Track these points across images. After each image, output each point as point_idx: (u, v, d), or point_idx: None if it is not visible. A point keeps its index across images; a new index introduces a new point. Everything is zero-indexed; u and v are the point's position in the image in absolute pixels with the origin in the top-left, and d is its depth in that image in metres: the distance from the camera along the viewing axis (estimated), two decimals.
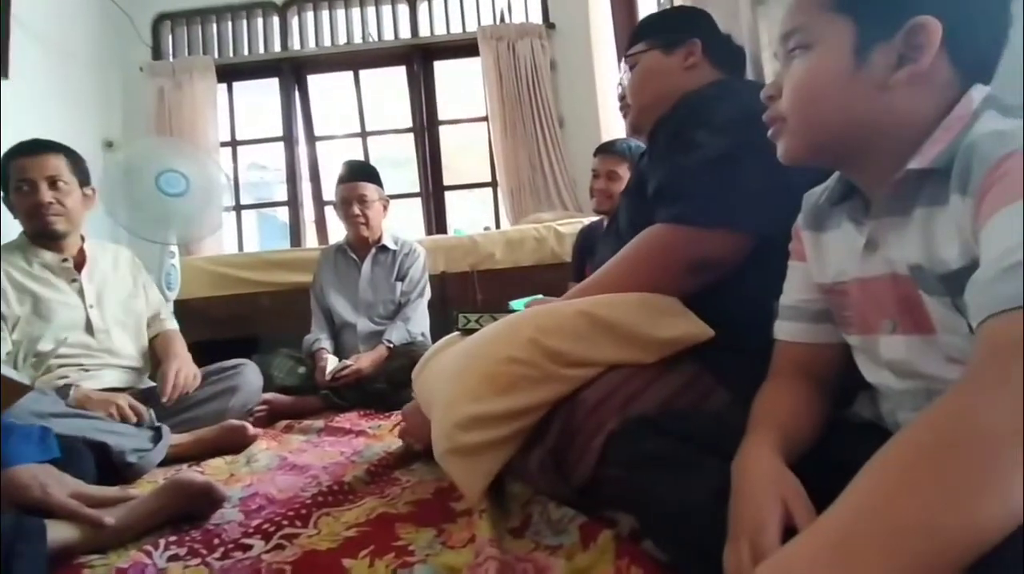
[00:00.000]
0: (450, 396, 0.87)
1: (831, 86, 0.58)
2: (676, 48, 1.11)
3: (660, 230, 0.94)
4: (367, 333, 2.17)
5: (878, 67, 0.55)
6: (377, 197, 2.22)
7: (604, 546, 0.75)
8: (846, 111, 0.57)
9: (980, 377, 0.40)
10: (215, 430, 1.52)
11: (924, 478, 0.36)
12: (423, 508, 1.00)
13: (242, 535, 0.94)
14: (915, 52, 0.54)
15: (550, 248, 2.67)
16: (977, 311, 0.43)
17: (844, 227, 0.66)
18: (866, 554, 0.35)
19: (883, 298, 0.60)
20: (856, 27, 0.56)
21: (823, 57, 0.58)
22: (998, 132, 0.49)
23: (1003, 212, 0.44)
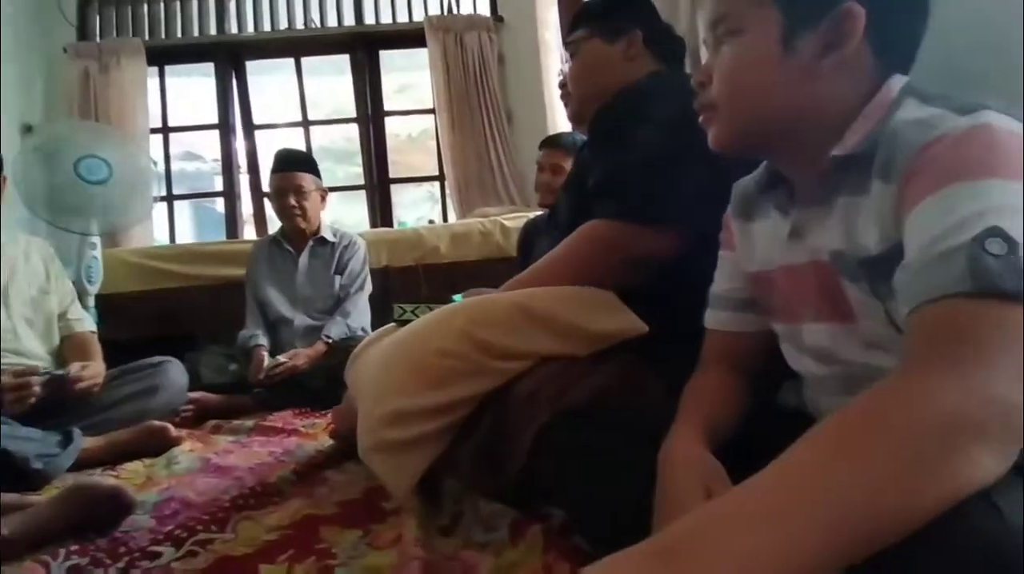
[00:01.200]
0: (377, 389, 0.84)
1: (759, 72, 0.57)
2: (618, 38, 1.09)
3: (598, 226, 0.93)
4: (304, 328, 2.09)
5: (804, 54, 0.55)
6: (314, 187, 2.14)
7: (533, 541, 0.74)
8: (773, 97, 0.57)
9: (923, 363, 0.39)
10: (133, 432, 1.43)
11: (867, 453, 0.36)
12: (351, 509, 0.96)
13: (151, 542, 0.88)
14: (840, 39, 0.54)
15: (496, 242, 2.65)
16: (910, 298, 0.43)
17: (771, 216, 0.66)
18: (794, 518, 0.34)
19: (806, 286, 0.61)
20: (783, 14, 0.56)
21: (751, 44, 0.58)
22: (920, 120, 0.49)
23: (932, 198, 0.44)
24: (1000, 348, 0.37)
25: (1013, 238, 0.39)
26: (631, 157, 0.91)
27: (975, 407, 0.36)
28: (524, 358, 0.83)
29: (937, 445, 0.35)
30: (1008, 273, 0.38)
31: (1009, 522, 0.32)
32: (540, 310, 0.85)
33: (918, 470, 0.34)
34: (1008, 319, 0.38)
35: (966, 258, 0.40)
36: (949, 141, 0.45)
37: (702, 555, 0.34)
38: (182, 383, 1.72)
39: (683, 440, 0.60)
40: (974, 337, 0.38)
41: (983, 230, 0.40)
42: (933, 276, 0.41)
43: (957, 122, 0.46)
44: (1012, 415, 0.36)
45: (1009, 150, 0.44)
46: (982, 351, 0.37)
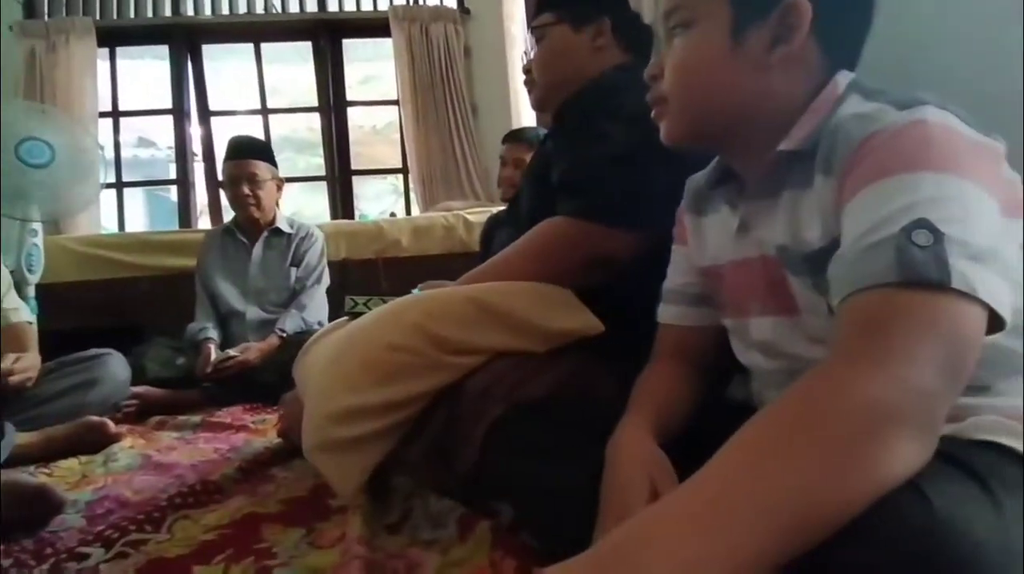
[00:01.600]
0: (324, 385, 0.81)
1: (709, 64, 0.57)
2: (585, 25, 1.06)
3: (560, 223, 0.91)
4: (257, 322, 2.03)
5: (754, 47, 0.55)
6: (269, 176, 2.08)
7: (480, 538, 0.72)
8: (723, 90, 0.57)
9: (847, 353, 0.39)
10: (69, 427, 1.36)
11: (795, 448, 0.36)
12: (296, 506, 0.93)
13: (79, 543, 0.83)
14: (788, 33, 0.54)
15: (459, 237, 2.62)
16: (840, 288, 0.43)
17: (722, 210, 0.66)
18: (733, 520, 0.34)
19: (753, 280, 0.61)
20: (732, 6, 0.56)
21: (701, 37, 0.58)
22: (860, 115, 0.49)
23: (866, 190, 0.45)
24: (922, 337, 0.37)
25: (939, 230, 0.39)
26: (598, 154, 0.89)
27: (895, 396, 0.36)
28: (479, 353, 0.82)
29: (858, 435, 0.35)
30: (933, 264, 0.38)
31: (938, 512, 0.32)
32: (496, 305, 0.83)
33: (843, 461, 0.34)
34: (931, 309, 0.38)
35: (893, 249, 0.40)
36: (886, 135, 0.46)
37: (646, 562, 0.34)
38: (123, 377, 1.64)
39: (631, 433, 0.60)
40: (897, 327, 0.38)
41: (911, 222, 0.40)
42: (861, 267, 0.41)
43: (895, 117, 0.47)
44: (932, 404, 0.36)
45: (943, 144, 0.44)
46: (904, 340, 0.38)
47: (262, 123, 3.54)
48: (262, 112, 3.54)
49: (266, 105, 3.54)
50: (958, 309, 0.38)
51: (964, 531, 0.32)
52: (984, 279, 0.39)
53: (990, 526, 0.33)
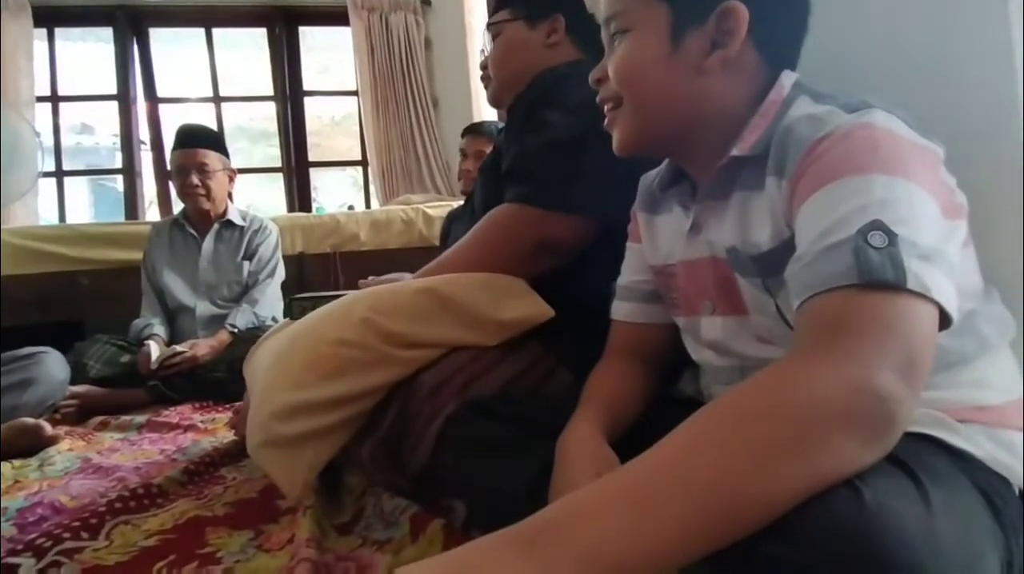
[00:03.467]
0: (269, 383, 0.79)
1: (649, 69, 0.58)
2: (540, 22, 1.07)
3: (506, 210, 0.91)
4: (208, 317, 1.96)
5: (692, 51, 0.55)
6: (220, 166, 2.01)
7: (433, 537, 0.71)
8: (663, 94, 0.58)
9: (804, 352, 0.40)
10: (2, 430, 1.28)
11: (733, 440, 0.36)
12: (243, 509, 0.90)
13: (8, 554, 0.78)
14: (725, 37, 0.55)
15: (418, 231, 2.59)
16: (799, 290, 0.43)
17: (674, 211, 0.67)
18: (660, 507, 0.34)
19: (704, 280, 0.61)
20: (671, 11, 0.56)
21: (641, 41, 0.58)
22: (813, 116, 0.50)
23: (820, 193, 0.45)
24: (881, 339, 0.38)
25: (893, 231, 0.40)
26: (541, 142, 0.90)
27: (844, 395, 0.36)
28: (429, 347, 0.81)
29: (801, 432, 0.35)
30: (889, 265, 0.39)
31: (868, 503, 0.33)
32: (445, 296, 0.82)
33: (779, 456, 0.34)
34: (889, 310, 0.39)
35: (851, 251, 0.40)
36: (836, 138, 0.47)
37: (555, 542, 0.34)
38: (61, 376, 1.56)
39: (580, 430, 0.60)
40: (855, 327, 0.39)
41: (866, 223, 0.41)
42: (820, 269, 0.42)
43: (844, 119, 0.47)
44: (886, 405, 0.36)
45: (891, 147, 0.45)
46: (861, 340, 0.38)
47: (214, 111, 3.42)
48: (214, 100, 3.42)
49: (218, 93, 3.42)
50: (914, 309, 0.39)
51: (893, 522, 0.32)
52: (935, 279, 0.39)
53: (918, 517, 0.33)
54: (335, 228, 2.55)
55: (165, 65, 3.41)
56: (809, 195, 0.46)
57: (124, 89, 3.28)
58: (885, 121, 0.47)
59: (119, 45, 3.27)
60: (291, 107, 3.45)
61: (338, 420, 0.78)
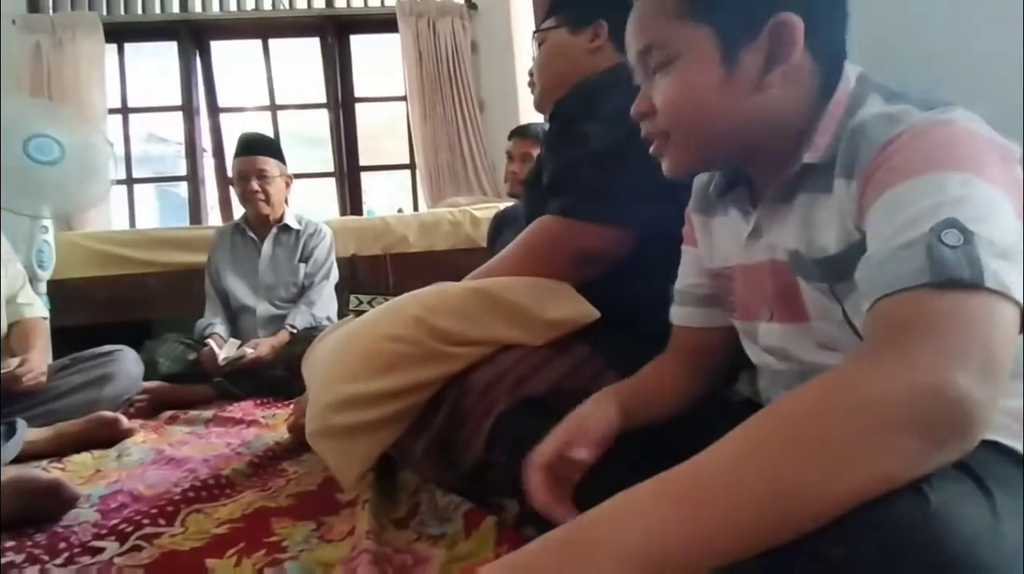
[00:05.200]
0: (326, 375, 0.82)
1: (706, 97, 0.54)
2: (583, 28, 1.08)
3: (547, 222, 0.93)
4: (267, 317, 2.05)
5: (749, 69, 0.53)
6: (278, 172, 2.09)
7: (486, 534, 0.73)
8: (726, 119, 0.55)
9: (870, 354, 0.39)
10: (81, 423, 1.38)
11: (786, 438, 0.35)
12: (305, 501, 0.94)
13: (93, 537, 0.84)
14: (782, 50, 0.52)
15: (465, 233, 2.63)
16: (870, 291, 0.42)
17: (731, 214, 0.65)
18: (714, 505, 0.34)
19: (763, 286, 0.60)
20: (718, 34, 0.53)
21: (691, 69, 0.55)
22: (883, 115, 0.48)
23: (891, 191, 0.44)
24: (956, 340, 0.36)
25: (969, 229, 0.39)
26: (579, 153, 0.91)
27: (909, 396, 0.35)
28: (478, 344, 0.83)
29: (857, 431, 0.34)
30: (965, 263, 0.38)
31: (934, 510, 0.32)
32: (493, 297, 0.84)
33: (835, 456, 0.34)
34: (966, 310, 0.37)
35: (924, 250, 0.39)
36: (909, 136, 0.45)
37: (609, 538, 0.34)
38: (136, 373, 1.67)
39: (595, 398, 0.64)
40: (926, 327, 0.37)
41: (940, 221, 0.39)
42: (891, 269, 0.40)
43: (919, 117, 0.46)
44: (961, 407, 0.35)
45: (967, 145, 0.44)
46: (932, 340, 0.36)
47: (271, 119, 3.56)
48: (271, 108, 3.55)
49: (275, 101, 3.56)
50: (992, 308, 0.37)
51: (957, 527, 0.32)
52: (1013, 277, 0.38)
53: (984, 525, 0.33)
54: (385, 230, 2.61)
55: (225, 76, 3.56)
56: (881, 194, 0.44)
57: (188, 100, 3.45)
58: (965, 119, 0.45)
59: (183, 58, 3.44)
60: (343, 114, 3.55)
61: (390, 413, 0.80)
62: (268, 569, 0.73)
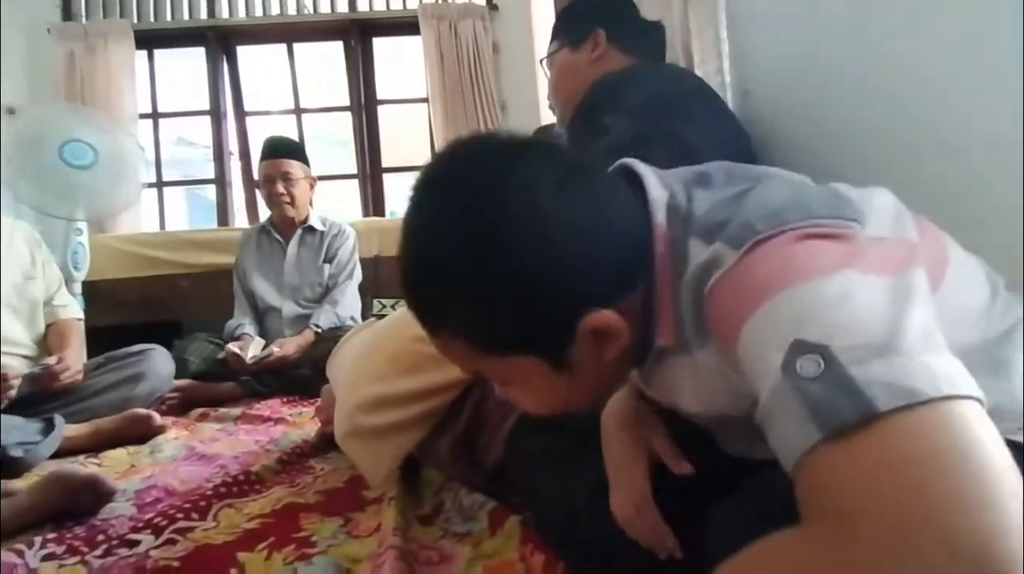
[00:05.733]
0: (354, 377, 0.84)
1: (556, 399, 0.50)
2: (581, 43, 1.12)
3: None
4: (293, 317, 2.08)
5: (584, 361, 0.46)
6: (303, 175, 2.13)
7: (510, 532, 0.74)
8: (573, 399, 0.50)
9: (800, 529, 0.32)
10: (116, 420, 1.42)
11: None
12: (333, 497, 0.96)
13: (130, 530, 0.87)
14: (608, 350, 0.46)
15: None
16: (784, 462, 0.34)
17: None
18: None
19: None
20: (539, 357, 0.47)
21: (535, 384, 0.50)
22: (701, 265, 0.41)
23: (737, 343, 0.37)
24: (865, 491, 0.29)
25: (824, 345, 0.32)
26: (600, 146, 0.92)
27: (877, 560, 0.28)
28: None
29: None
30: (839, 394, 0.31)
31: None
32: None
33: None
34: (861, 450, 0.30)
35: (788, 396, 0.32)
36: (724, 282, 0.39)
37: None
38: (168, 371, 1.71)
39: (618, 398, 0.62)
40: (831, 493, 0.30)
41: (787, 354, 0.33)
42: (779, 438, 0.34)
43: (730, 258, 0.39)
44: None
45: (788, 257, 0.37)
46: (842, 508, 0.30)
47: (296, 123, 3.61)
48: (296, 112, 3.61)
49: (299, 105, 3.61)
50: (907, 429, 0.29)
51: None
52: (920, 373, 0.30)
53: None
54: None
55: (251, 81, 3.63)
56: (734, 350, 0.38)
57: (215, 104, 3.52)
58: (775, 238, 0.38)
59: (211, 63, 3.51)
60: (365, 116, 3.59)
61: (417, 413, 0.82)
62: (298, 563, 0.74)
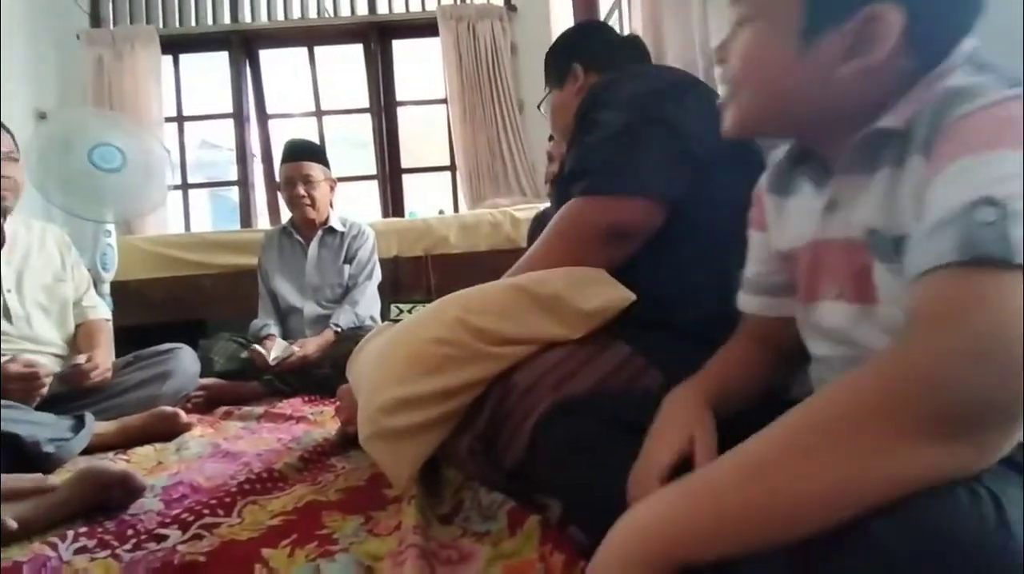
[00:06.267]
0: (375, 379, 0.85)
1: (775, 65, 0.52)
2: (564, 80, 1.18)
3: (572, 204, 0.94)
4: (314, 317, 2.11)
5: (824, 54, 0.50)
6: (323, 177, 2.15)
7: (529, 532, 0.74)
8: (788, 93, 0.53)
9: (901, 344, 0.38)
10: (144, 417, 1.45)
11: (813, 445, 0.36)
12: (353, 495, 0.98)
13: (158, 525, 0.89)
14: (867, 45, 0.48)
15: (505, 233, 2.65)
16: (910, 268, 0.41)
17: (803, 190, 0.62)
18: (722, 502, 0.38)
19: (834, 262, 0.57)
20: (804, 5, 0.50)
21: (769, 32, 0.53)
22: (961, 89, 0.45)
23: (947, 168, 0.42)
24: (975, 325, 0.35)
25: (1008, 206, 0.37)
26: (596, 138, 0.93)
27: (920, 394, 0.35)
28: (520, 343, 0.84)
29: (880, 434, 0.35)
30: (996, 239, 0.36)
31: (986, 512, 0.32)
32: (532, 292, 0.85)
33: (859, 458, 0.35)
34: (993, 288, 0.35)
35: (958, 227, 0.38)
36: (980, 111, 0.42)
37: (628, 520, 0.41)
38: (194, 370, 1.74)
39: (685, 392, 0.63)
40: (950, 312, 0.36)
41: (979, 198, 0.38)
42: (928, 248, 0.39)
43: (998, 94, 0.43)
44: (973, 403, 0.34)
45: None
46: (952, 328, 0.35)
47: (316, 125, 3.65)
48: (316, 114, 3.65)
49: (320, 107, 3.65)
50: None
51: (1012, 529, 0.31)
52: None
53: None
54: (426, 232, 2.66)
55: (273, 84, 3.68)
56: (939, 171, 0.42)
57: (238, 107, 3.58)
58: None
59: (234, 67, 3.57)
60: (385, 117, 3.63)
61: (439, 414, 0.82)
62: (321, 560, 0.76)
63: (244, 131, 3.59)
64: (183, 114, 3.61)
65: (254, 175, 3.64)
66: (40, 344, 1.53)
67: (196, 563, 0.77)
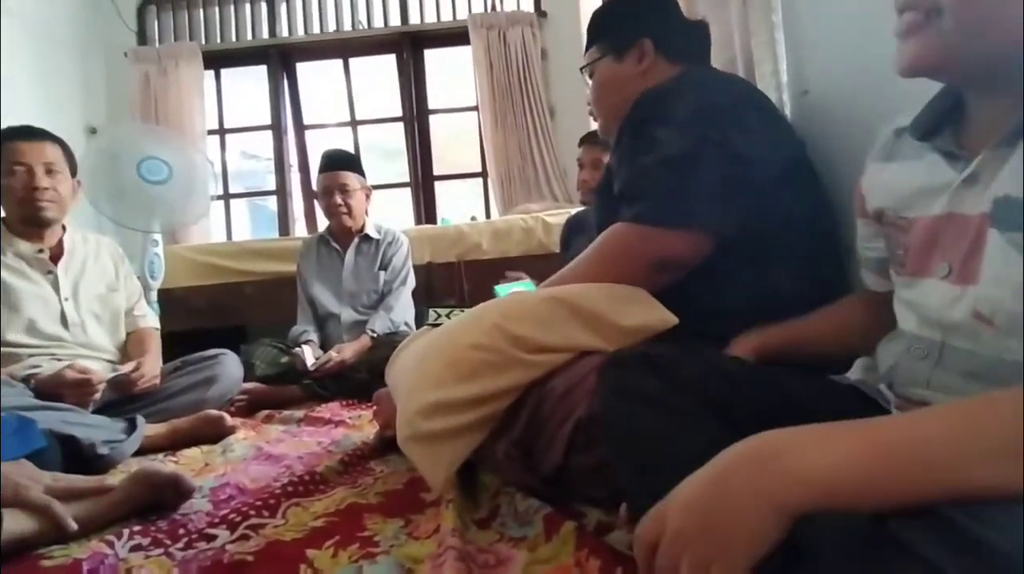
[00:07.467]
0: (413, 383, 0.87)
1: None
2: (626, 53, 1.08)
3: (621, 229, 0.94)
4: (351, 323, 2.16)
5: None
6: (359, 186, 2.20)
7: (565, 538, 0.75)
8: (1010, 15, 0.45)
9: None
10: (192, 420, 1.51)
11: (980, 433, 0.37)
12: (393, 499, 1.00)
13: (208, 525, 0.93)
14: None
15: (537, 239, 2.66)
16: None
17: (927, 159, 0.58)
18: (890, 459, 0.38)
19: (954, 238, 0.54)
20: None
21: None
22: None
23: None
24: None
25: None
26: (651, 160, 0.91)
27: None
28: (557, 351, 0.85)
29: None
30: None
31: None
32: (571, 303, 0.86)
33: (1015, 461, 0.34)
34: None
35: None
36: None
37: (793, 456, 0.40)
38: (237, 374, 1.80)
39: None
40: None
41: None
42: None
43: None
44: None
45: None
46: None
47: (351, 135, 3.73)
48: (351, 124, 3.73)
49: (355, 117, 3.73)
50: None
51: None
52: None
53: None
54: (459, 238, 2.69)
55: (310, 95, 3.78)
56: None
57: (276, 119, 3.69)
58: None
59: (272, 80, 3.68)
60: (417, 126, 3.68)
61: (475, 419, 0.84)
62: (363, 561, 0.78)
63: (282, 142, 3.69)
64: (224, 126, 3.73)
65: (291, 184, 3.73)
66: (94, 350, 1.61)
67: (244, 562, 0.80)
